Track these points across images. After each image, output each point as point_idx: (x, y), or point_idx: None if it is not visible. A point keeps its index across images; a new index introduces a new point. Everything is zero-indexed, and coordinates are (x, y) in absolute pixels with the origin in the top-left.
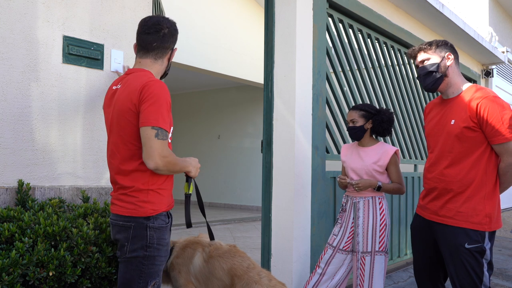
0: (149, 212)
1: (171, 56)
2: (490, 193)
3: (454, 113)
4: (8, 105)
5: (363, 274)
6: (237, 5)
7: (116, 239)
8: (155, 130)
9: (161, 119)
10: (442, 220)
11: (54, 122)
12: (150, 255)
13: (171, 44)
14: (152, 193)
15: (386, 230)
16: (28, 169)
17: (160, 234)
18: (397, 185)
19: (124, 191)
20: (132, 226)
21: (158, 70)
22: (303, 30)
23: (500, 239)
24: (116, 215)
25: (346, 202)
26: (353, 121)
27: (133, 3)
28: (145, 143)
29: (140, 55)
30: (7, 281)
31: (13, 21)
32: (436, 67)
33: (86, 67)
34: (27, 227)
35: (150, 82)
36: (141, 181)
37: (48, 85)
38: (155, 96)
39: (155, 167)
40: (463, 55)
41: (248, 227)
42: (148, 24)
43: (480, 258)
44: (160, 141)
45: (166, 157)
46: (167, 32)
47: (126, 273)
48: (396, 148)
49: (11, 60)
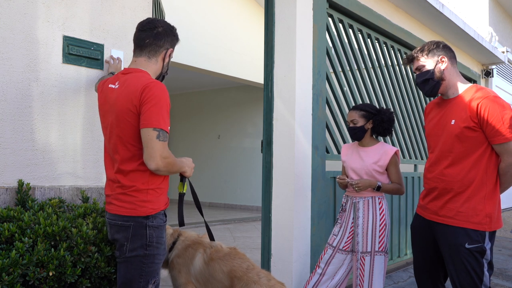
0: (149, 211)
1: (166, 57)
2: (490, 193)
3: (454, 113)
4: (8, 105)
5: (363, 274)
6: (237, 5)
7: (115, 239)
8: (156, 132)
9: (162, 120)
10: (443, 220)
11: (54, 122)
12: (150, 254)
13: (165, 43)
14: (152, 192)
15: (386, 230)
16: (28, 169)
17: (158, 233)
18: (397, 186)
19: (123, 191)
20: (131, 225)
21: (153, 70)
22: (303, 30)
23: (500, 239)
24: (114, 215)
25: (346, 202)
26: (353, 121)
27: (133, 3)
28: (147, 145)
29: (136, 54)
30: (7, 281)
31: (13, 21)
32: (431, 74)
33: (86, 67)
34: (27, 227)
35: (151, 84)
36: (141, 181)
37: (48, 85)
38: (156, 97)
39: (156, 168)
40: (463, 55)
41: (248, 227)
42: (143, 23)
43: (481, 258)
44: (161, 143)
45: (166, 158)
46: (161, 31)
47: (127, 273)
48: (396, 148)
49: (11, 60)
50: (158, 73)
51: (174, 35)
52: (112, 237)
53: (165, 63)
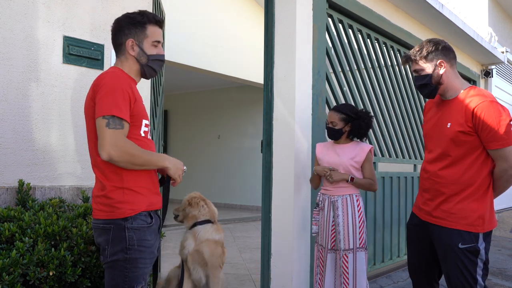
0: (127, 212)
1: (130, 48)
2: (483, 195)
3: (450, 116)
4: (8, 105)
5: (347, 271)
6: (237, 5)
7: (98, 243)
8: (105, 120)
9: (114, 107)
10: (436, 221)
11: (54, 122)
12: (132, 258)
13: (123, 36)
14: (129, 192)
15: (365, 227)
16: (28, 169)
17: (140, 235)
18: (370, 181)
19: (100, 193)
20: (111, 228)
21: (128, 66)
22: (303, 30)
23: (500, 239)
24: (96, 219)
25: (323, 200)
26: (332, 123)
27: (133, 3)
28: (98, 135)
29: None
30: (7, 281)
31: (13, 22)
32: (429, 79)
33: (86, 67)
34: (27, 227)
35: (103, 74)
36: (114, 179)
37: (48, 85)
38: (107, 85)
39: (108, 158)
40: (462, 55)
41: (248, 227)
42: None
43: (474, 258)
44: (112, 130)
45: (120, 147)
46: (115, 29)
47: (112, 279)
48: (371, 145)
49: (11, 61)
50: (136, 66)
51: (134, 23)
52: (96, 241)
53: (136, 55)
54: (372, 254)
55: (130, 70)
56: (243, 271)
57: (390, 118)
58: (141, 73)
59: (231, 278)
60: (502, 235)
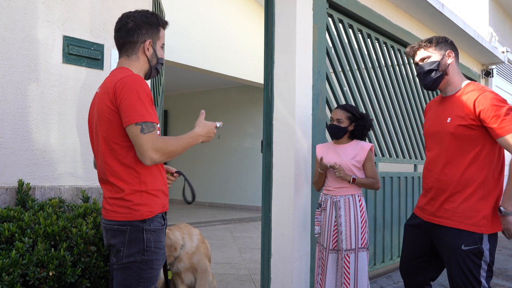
0: (146, 214)
1: (146, 49)
2: (488, 194)
3: (450, 111)
4: (8, 105)
5: (348, 272)
6: (237, 5)
7: (111, 244)
8: (139, 126)
9: (142, 112)
10: (439, 221)
11: (54, 122)
12: (148, 259)
13: (141, 37)
14: (146, 195)
15: (366, 227)
16: (28, 169)
17: (156, 237)
18: (372, 180)
19: (116, 196)
20: (128, 229)
21: (138, 66)
22: (303, 30)
23: (500, 239)
24: (109, 220)
25: (325, 201)
26: (339, 120)
27: (133, 3)
28: (135, 142)
29: (119, 55)
30: (7, 281)
31: (13, 21)
32: (436, 65)
33: (86, 67)
34: (27, 227)
35: (124, 78)
36: (133, 183)
37: (48, 85)
38: (130, 90)
39: (152, 162)
40: (463, 55)
41: (248, 227)
42: (117, 22)
43: (478, 260)
44: (148, 135)
45: (160, 149)
46: (131, 27)
47: (125, 279)
48: (371, 144)
49: (11, 60)
50: (146, 67)
51: (151, 23)
52: (108, 243)
53: (149, 56)
54: (373, 254)
55: (139, 71)
56: (243, 271)
57: (390, 118)
58: (147, 74)
59: (231, 278)
60: (502, 235)
